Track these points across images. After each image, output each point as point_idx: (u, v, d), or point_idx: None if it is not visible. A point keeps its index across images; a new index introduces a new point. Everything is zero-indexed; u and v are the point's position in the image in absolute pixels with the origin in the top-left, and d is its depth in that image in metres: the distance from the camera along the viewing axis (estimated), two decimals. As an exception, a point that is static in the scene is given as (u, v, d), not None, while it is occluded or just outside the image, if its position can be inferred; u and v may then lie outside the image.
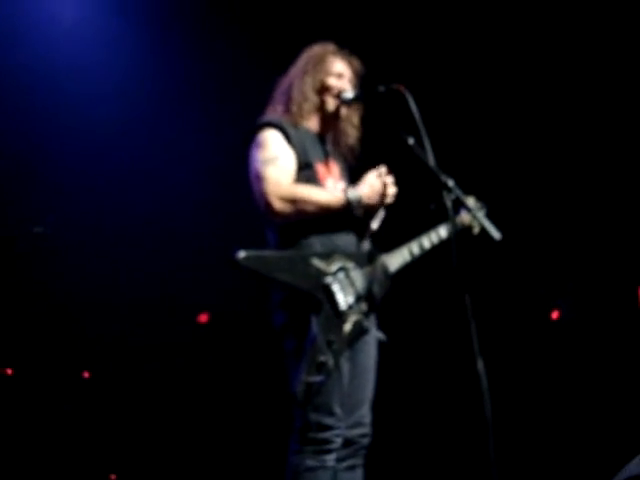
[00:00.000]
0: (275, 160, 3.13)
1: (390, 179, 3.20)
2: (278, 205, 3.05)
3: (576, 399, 6.31)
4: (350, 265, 3.07)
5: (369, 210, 3.21)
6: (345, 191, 3.17)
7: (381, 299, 3.19)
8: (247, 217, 3.55)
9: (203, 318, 6.58)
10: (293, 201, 3.07)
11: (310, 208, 3.09)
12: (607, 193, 6.60)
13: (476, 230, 3.64)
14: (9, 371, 5.44)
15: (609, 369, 6.36)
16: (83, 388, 5.72)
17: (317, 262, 2.97)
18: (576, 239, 6.71)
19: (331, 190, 3.24)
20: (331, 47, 3.41)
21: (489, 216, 2.98)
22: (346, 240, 3.18)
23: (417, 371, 6.41)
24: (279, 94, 3.38)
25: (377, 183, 3.15)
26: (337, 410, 3.00)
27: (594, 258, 6.72)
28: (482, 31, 6.24)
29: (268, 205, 3.06)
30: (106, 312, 6.02)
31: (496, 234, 2.92)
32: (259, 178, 3.11)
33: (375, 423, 3.27)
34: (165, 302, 6.28)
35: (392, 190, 3.21)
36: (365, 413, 3.22)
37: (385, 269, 3.24)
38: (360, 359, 3.18)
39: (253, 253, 2.88)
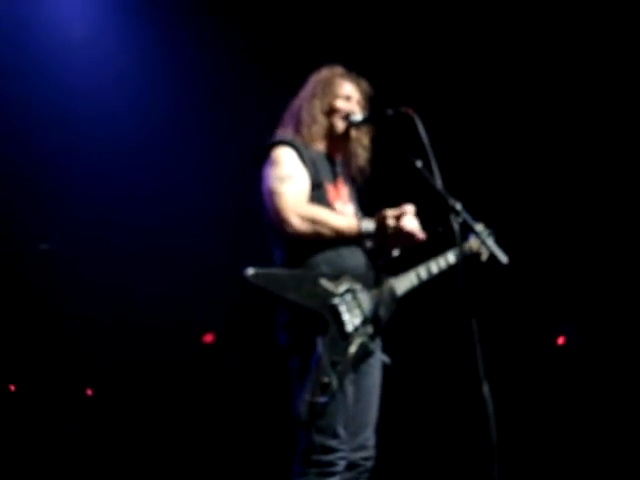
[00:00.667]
0: (291, 178, 3.13)
1: (411, 222, 3.14)
2: (296, 222, 3.04)
3: (581, 425, 6.28)
4: (358, 287, 3.07)
5: (383, 246, 3.23)
6: (360, 221, 3.16)
7: (387, 322, 3.19)
8: (253, 235, 3.55)
9: (209, 338, 6.57)
10: (312, 221, 3.06)
11: (326, 231, 3.08)
12: (614, 220, 6.59)
13: (484, 257, 3.63)
14: (12, 387, 5.43)
15: (615, 395, 6.32)
16: (86, 406, 5.71)
17: (325, 282, 2.97)
18: (583, 265, 6.70)
19: (341, 213, 3.25)
20: (339, 70, 3.44)
21: (497, 241, 2.97)
22: (355, 261, 3.17)
23: (422, 394, 6.38)
24: (289, 116, 3.40)
25: (391, 225, 3.10)
26: (341, 432, 2.98)
27: (600, 284, 6.71)
28: (492, 53, 6.26)
29: (284, 222, 3.05)
30: (111, 330, 6.02)
31: (503, 258, 2.92)
32: (275, 194, 3.09)
33: (379, 446, 3.25)
34: (171, 321, 6.28)
35: (414, 232, 3.14)
36: (369, 436, 3.20)
37: (392, 292, 3.23)
38: (365, 382, 3.16)
39: (262, 271, 2.88)
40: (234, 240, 6.12)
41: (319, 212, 3.11)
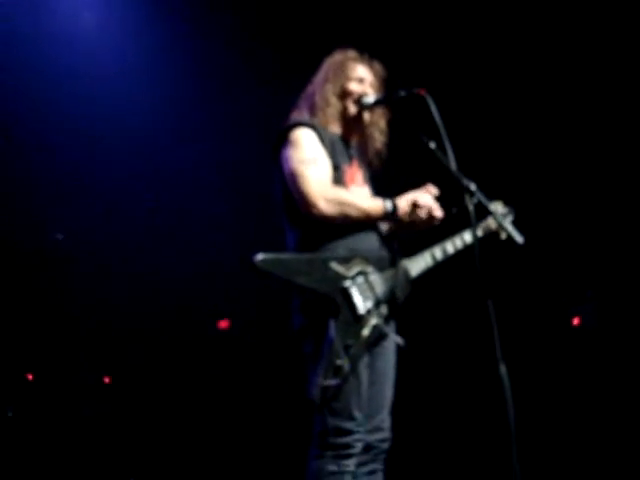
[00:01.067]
0: (315, 161, 3.11)
1: (432, 204, 3.15)
2: (323, 206, 3.03)
3: (597, 405, 6.26)
4: (369, 269, 3.05)
5: (407, 227, 3.22)
6: (384, 202, 3.15)
7: (401, 304, 3.18)
8: (263, 224, 3.54)
9: (224, 324, 6.59)
10: (339, 203, 3.05)
11: (353, 212, 3.07)
12: (630, 203, 6.56)
13: (503, 236, 3.59)
14: (30, 376, 5.46)
15: (630, 377, 6.31)
16: (105, 393, 5.75)
17: (336, 266, 2.96)
18: (598, 247, 6.68)
19: (360, 195, 3.25)
20: (352, 53, 3.42)
21: (514, 221, 2.96)
22: (369, 243, 3.16)
23: (439, 375, 6.38)
24: (303, 100, 3.39)
25: (423, 201, 3.13)
26: (357, 414, 2.98)
27: (615, 266, 6.68)
28: (505, 37, 6.22)
29: (312, 205, 3.03)
30: (128, 317, 6.05)
31: (519, 238, 2.91)
32: (299, 177, 3.07)
33: (396, 428, 3.25)
34: (186, 309, 6.31)
35: (434, 213, 3.16)
36: (385, 418, 3.20)
37: (406, 273, 3.22)
38: (379, 364, 3.16)
39: (271, 256, 2.87)
40: (249, 228, 6.14)
41: (345, 194, 3.11)
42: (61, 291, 5.87)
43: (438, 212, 3.17)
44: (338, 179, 3.18)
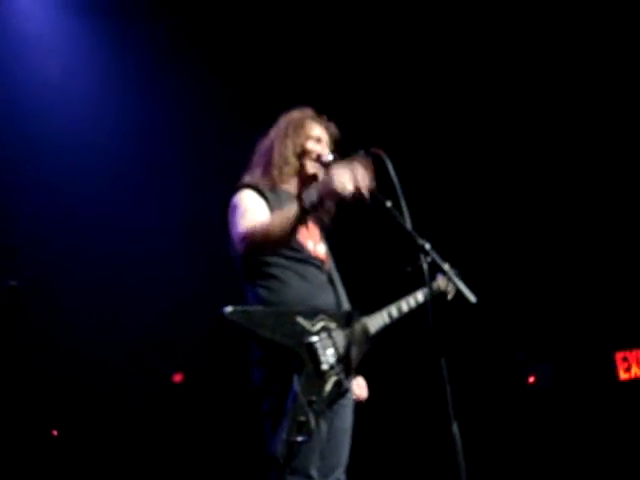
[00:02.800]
0: (249, 210, 3.14)
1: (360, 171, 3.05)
2: (246, 234, 3.03)
3: (551, 463, 6.29)
4: (332, 325, 3.07)
5: (330, 202, 3.17)
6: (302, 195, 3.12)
7: (360, 360, 3.19)
8: (225, 279, 3.53)
9: (178, 378, 6.53)
10: (254, 227, 3.04)
11: (274, 223, 3.03)
12: (580, 262, 6.69)
13: (450, 296, 3.68)
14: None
15: (585, 435, 6.36)
16: (52, 446, 5.62)
17: (301, 320, 2.97)
18: (552, 306, 6.77)
19: (314, 252, 3.27)
20: (309, 112, 3.46)
21: (466, 281, 3.00)
22: (327, 299, 3.19)
23: (392, 433, 6.37)
24: (259, 156, 3.41)
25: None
26: (314, 473, 2.95)
27: (570, 325, 6.78)
28: (457, 94, 6.37)
29: (239, 241, 3.05)
30: (81, 367, 5.95)
31: (472, 297, 2.94)
32: (237, 230, 3.10)
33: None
34: (140, 361, 6.24)
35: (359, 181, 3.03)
36: (340, 477, 3.17)
37: (365, 331, 3.25)
38: (337, 422, 3.14)
39: (240, 308, 2.89)
40: (206, 284, 6.13)
41: (262, 220, 3.09)
42: (11, 336, 5.76)
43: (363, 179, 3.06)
44: (294, 240, 3.18)
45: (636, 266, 6.63)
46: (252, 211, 3.14)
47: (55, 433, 5.65)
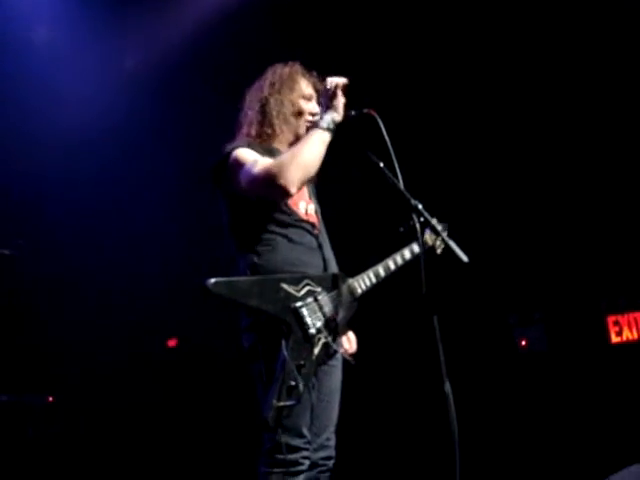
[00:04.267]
0: (256, 161, 3.09)
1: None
2: (285, 172, 2.98)
3: (543, 426, 6.35)
4: (318, 289, 3.08)
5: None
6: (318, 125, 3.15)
7: (348, 322, 3.21)
8: (215, 250, 3.52)
9: (172, 343, 6.59)
10: (292, 156, 3.02)
11: (309, 151, 3.05)
12: (572, 225, 6.70)
13: (439, 250, 3.68)
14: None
15: (577, 399, 6.41)
16: (48, 412, 5.65)
17: (286, 286, 2.98)
18: (544, 270, 6.79)
19: (308, 214, 3.27)
20: (298, 67, 3.41)
21: (458, 243, 3.00)
22: (314, 263, 3.19)
23: (384, 392, 6.41)
24: (253, 113, 3.34)
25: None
26: (306, 432, 2.99)
27: (562, 289, 6.80)
28: (448, 54, 6.34)
29: (277, 179, 2.97)
30: (76, 334, 5.98)
31: (464, 257, 2.95)
32: (258, 175, 3.03)
33: (341, 445, 3.26)
34: (136, 326, 6.28)
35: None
36: (330, 436, 3.22)
37: (352, 292, 3.25)
38: (326, 382, 3.18)
39: (223, 279, 2.87)
40: (199, 253, 6.15)
41: (291, 150, 3.09)
42: (3, 304, 5.79)
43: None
44: (285, 203, 3.19)
45: (628, 230, 6.64)
46: (261, 159, 3.11)
47: (51, 399, 5.66)
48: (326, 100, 3.19)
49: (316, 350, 2.99)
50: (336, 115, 3.15)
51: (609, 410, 6.26)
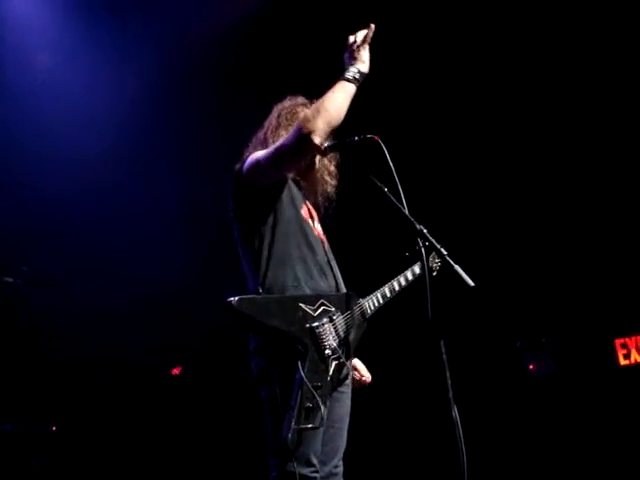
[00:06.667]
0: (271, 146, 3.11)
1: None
2: (314, 124, 2.97)
3: (552, 451, 6.29)
4: (333, 309, 3.07)
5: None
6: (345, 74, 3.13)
7: (359, 343, 3.20)
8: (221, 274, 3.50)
9: (176, 371, 6.57)
10: (319, 109, 3.00)
11: (335, 99, 3.05)
12: (579, 248, 6.69)
13: (435, 273, 3.68)
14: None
15: (586, 422, 6.36)
16: (52, 441, 5.62)
17: (304, 306, 2.97)
18: (551, 294, 6.77)
19: (317, 231, 3.28)
20: (301, 99, 3.45)
21: (465, 268, 2.99)
22: (327, 282, 3.18)
23: (392, 416, 6.37)
24: (254, 148, 3.35)
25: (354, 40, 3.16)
26: (314, 460, 2.94)
27: (569, 312, 6.78)
28: (450, 81, 6.37)
29: (306, 135, 2.95)
30: (79, 362, 5.97)
31: (470, 281, 2.93)
32: (284, 140, 3.05)
33: (350, 472, 3.22)
34: (140, 354, 6.26)
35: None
36: (338, 463, 3.17)
37: (363, 312, 3.25)
38: (336, 409, 3.13)
39: (246, 297, 2.89)
40: (202, 278, 6.14)
41: (313, 105, 3.09)
42: (5, 332, 5.78)
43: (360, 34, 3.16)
44: (297, 213, 3.21)
45: (634, 252, 6.64)
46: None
47: (54, 429, 5.62)
48: (350, 55, 3.16)
49: (330, 371, 2.97)
50: (362, 66, 3.15)
51: (619, 433, 6.22)
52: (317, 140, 2.98)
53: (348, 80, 3.11)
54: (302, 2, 5.99)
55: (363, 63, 3.16)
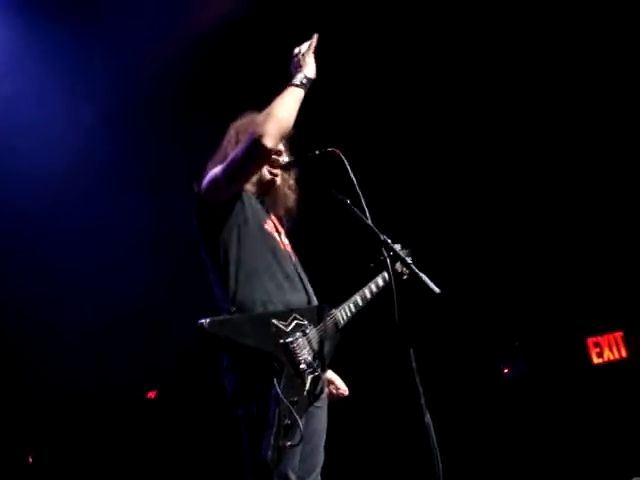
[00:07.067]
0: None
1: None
2: (262, 129, 2.99)
3: (529, 451, 6.33)
4: (305, 322, 3.06)
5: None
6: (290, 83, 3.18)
7: (333, 355, 3.19)
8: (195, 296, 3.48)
9: (151, 395, 6.53)
10: (266, 115, 3.04)
11: (283, 107, 3.08)
12: (548, 249, 6.74)
13: (405, 276, 3.69)
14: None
15: (561, 421, 6.40)
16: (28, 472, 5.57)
17: (276, 322, 2.96)
18: (523, 295, 6.82)
19: (284, 244, 3.28)
20: (257, 115, 3.34)
21: (437, 273, 3.01)
22: (298, 295, 3.17)
23: (366, 425, 6.37)
24: (213, 166, 3.29)
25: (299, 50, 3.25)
26: (292, 477, 2.91)
27: (541, 313, 6.83)
28: (409, 89, 6.41)
29: (258, 139, 2.97)
30: (56, 390, 5.91)
31: (435, 288, 2.95)
32: (238, 151, 3.07)
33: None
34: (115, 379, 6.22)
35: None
36: (317, 478, 3.15)
37: (336, 323, 3.24)
38: (313, 423, 3.11)
39: (217, 318, 2.86)
40: (170, 300, 6.12)
41: (267, 109, 3.10)
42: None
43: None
44: (260, 225, 3.20)
45: (603, 252, 6.70)
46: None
47: (30, 460, 5.57)
48: (296, 63, 3.23)
49: (307, 385, 2.96)
50: (307, 71, 3.19)
51: (594, 431, 6.26)
52: (268, 143, 2.99)
53: (296, 85, 3.15)
54: (250, 21, 6.00)
55: (309, 68, 3.21)
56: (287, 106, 3.09)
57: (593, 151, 6.59)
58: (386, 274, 3.50)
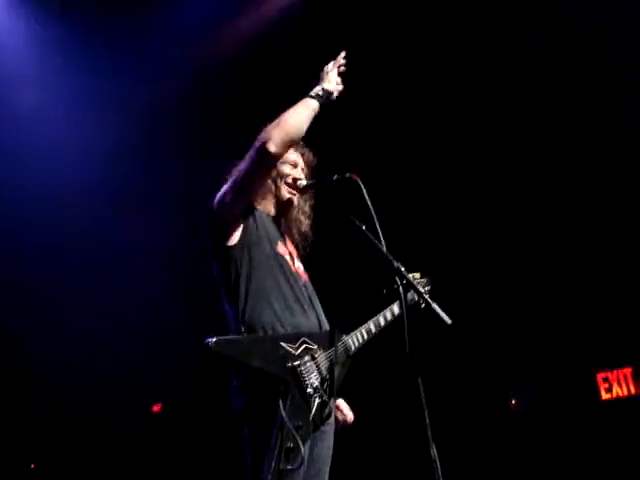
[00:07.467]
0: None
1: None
2: (269, 135, 3.03)
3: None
4: (315, 347, 3.05)
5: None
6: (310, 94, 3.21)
7: (343, 381, 3.17)
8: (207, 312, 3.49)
9: (156, 408, 6.52)
10: (277, 122, 3.07)
11: (295, 116, 3.11)
12: (559, 284, 6.72)
13: (423, 305, 3.67)
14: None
15: (568, 456, 6.36)
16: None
17: (285, 345, 2.95)
18: (533, 329, 6.79)
19: (296, 268, 3.27)
20: None
21: (447, 304, 3.00)
22: (308, 319, 3.16)
23: (372, 455, 6.33)
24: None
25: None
26: (295, 502, 2.92)
27: (551, 347, 6.80)
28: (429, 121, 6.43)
29: (263, 145, 3.02)
30: (64, 399, 5.92)
31: (447, 319, 2.94)
32: (242, 167, 3.10)
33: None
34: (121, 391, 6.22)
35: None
36: (320, 503, 3.15)
37: (347, 349, 3.23)
38: (318, 447, 3.10)
39: (224, 338, 2.85)
40: (183, 315, 6.12)
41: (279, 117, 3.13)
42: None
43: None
44: (272, 249, 3.20)
45: (614, 287, 6.67)
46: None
47: (33, 466, 5.57)
48: (319, 78, 3.27)
49: (313, 410, 2.94)
50: (326, 85, 3.22)
51: (601, 466, 6.21)
52: (272, 148, 3.02)
53: (310, 97, 3.18)
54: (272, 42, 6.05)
55: (329, 82, 3.24)
56: (297, 115, 3.12)
57: (611, 184, 6.59)
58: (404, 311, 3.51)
